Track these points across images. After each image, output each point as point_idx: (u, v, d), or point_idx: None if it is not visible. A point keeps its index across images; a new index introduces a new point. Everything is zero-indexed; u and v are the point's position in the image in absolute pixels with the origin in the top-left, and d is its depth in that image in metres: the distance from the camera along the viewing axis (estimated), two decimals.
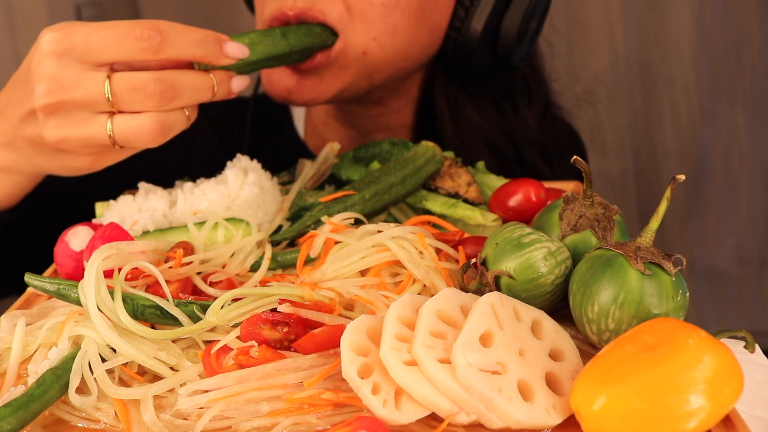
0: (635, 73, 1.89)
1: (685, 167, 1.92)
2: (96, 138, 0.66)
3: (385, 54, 0.90)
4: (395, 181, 0.79)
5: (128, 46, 0.64)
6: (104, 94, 0.64)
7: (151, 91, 0.65)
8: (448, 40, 0.95)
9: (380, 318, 0.57)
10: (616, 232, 0.64)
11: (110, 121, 0.65)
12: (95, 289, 0.59)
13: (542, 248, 0.61)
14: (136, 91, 0.65)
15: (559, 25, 1.87)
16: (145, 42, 0.64)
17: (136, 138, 0.66)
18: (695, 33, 1.86)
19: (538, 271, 0.60)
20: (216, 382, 0.55)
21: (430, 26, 0.93)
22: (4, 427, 0.51)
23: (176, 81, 0.66)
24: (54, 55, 0.65)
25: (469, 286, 0.63)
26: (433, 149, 0.84)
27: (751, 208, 1.93)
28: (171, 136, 0.68)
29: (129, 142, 0.67)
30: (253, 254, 0.73)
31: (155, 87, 0.65)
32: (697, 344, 0.50)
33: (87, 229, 0.73)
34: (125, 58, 0.65)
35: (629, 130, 1.93)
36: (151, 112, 0.66)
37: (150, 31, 0.64)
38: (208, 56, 0.68)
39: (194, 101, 0.69)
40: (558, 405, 0.53)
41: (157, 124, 0.66)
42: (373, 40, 0.88)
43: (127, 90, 0.65)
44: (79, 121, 0.66)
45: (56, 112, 0.65)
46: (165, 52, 0.65)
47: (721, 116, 1.89)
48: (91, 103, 0.65)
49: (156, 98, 0.65)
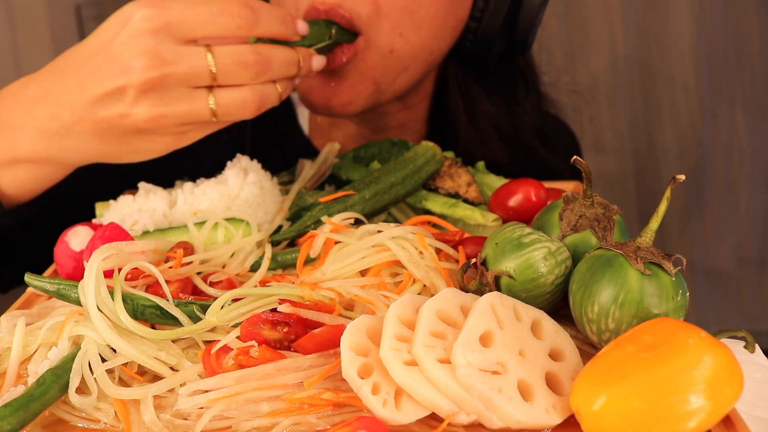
0: (635, 73, 1.89)
1: (685, 167, 1.92)
2: (196, 113, 0.66)
3: (410, 48, 0.89)
4: (395, 181, 0.79)
5: (225, 23, 0.66)
6: (208, 67, 0.65)
7: (251, 63, 0.67)
8: (467, 30, 0.95)
9: (380, 318, 0.57)
10: (616, 232, 0.64)
11: (211, 96, 0.66)
12: (95, 289, 0.59)
13: (542, 248, 0.61)
14: (238, 63, 0.66)
15: (559, 25, 1.88)
16: (241, 19, 0.66)
17: (237, 110, 0.68)
18: (695, 33, 1.86)
19: (538, 271, 0.60)
20: (216, 382, 0.55)
21: (457, 18, 0.93)
22: (4, 427, 0.51)
23: (270, 54, 0.68)
24: (150, 31, 0.64)
25: (469, 286, 0.63)
26: (433, 149, 0.84)
27: (751, 208, 1.93)
28: (265, 109, 0.70)
29: (229, 115, 0.68)
30: (253, 254, 0.73)
31: (255, 59, 0.67)
32: (697, 344, 0.50)
33: (87, 229, 0.73)
34: (221, 33, 0.66)
35: (629, 130, 1.93)
36: (250, 84, 0.68)
37: (245, 9, 0.66)
38: (287, 33, 0.71)
39: (284, 74, 0.71)
40: (558, 405, 0.53)
41: (257, 95, 0.68)
42: (399, 37, 0.87)
43: (231, 63, 0.66)
44: (178, 96, 0.66)
45: (155, 88, 0.65)
46: (257, 29, 0.68)
47: (721, 116, 1.89)
48: (194, 76, 0.65)
49: (254, 69, 0.67)
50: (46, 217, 0.84)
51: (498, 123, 1.04)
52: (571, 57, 1.88)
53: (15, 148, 0.71)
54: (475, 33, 0.95)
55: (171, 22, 0.65)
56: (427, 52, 0.92)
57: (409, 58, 0.91)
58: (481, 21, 0.94)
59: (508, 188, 0.78)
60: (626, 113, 1.92)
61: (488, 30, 0.94)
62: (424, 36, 0.90)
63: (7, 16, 1.66)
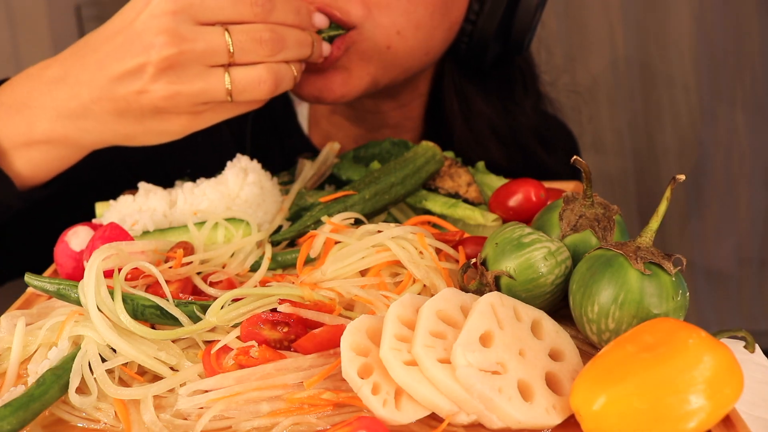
0: (635, 73, 1.89)
1: (685, 167, 1.92)
2: (212, 91, 0.68)
3: (407, 46, 0.89)
4: (395, 181, 0.79)
5: (244, 9, 0.69)
6: (226, 45, 0.68)
7: (266, 40, 0.69)
8: (463, 32, 0.95)
9: (380, 318, 0.57)
10: (616, 232, 0.64)
11: (227, 74, 0.68)
12: (95, 289, 0.59)
13: (542, 248, 0.61)
14: (254, 40, 0.69)
15: (559, 25, 1.88)
16: (259, 7, 0.69)
17: (253, 88, 0.70)
18: (695, 33, 1.86)
19: (538, 271, 0.60)
20: (216, 382, 0.55)
21: (452, 20, 0.92)
22: (4, 427, 0.51)
23: (284, 33, 0.71)
24: (170, 12, 0.67)
25: (469, 286, 0.63)
26: (433, 149, 0.84)
27: (751, 208, 1.93)
28: (281, 90, 0.72)
29: (245, 93, 0.70)
30: (253, 254, 0.73)
31: (270, 36, 0.69)
32: (697, 344, 0.50)
33: (87, 229, 0.73)
34: (239, 19, 0.69)
35: (629, 130, 1.93)
36: (266, 63, 0.70)
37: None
38: (303, 23, 0.74)
39: (298, 55, 0.73)
40: (558, 405, 0.53)
41: (272, 74, 0.70)
42: (397, 34, 0.88)
43: (247, 39, 0.68)
44: (195, 74, 0.68)
45: (174, 66, 0.67)
46: (273, 17, 0.70)
47: (721, 116, 1.89)
48: (212, 54, 0.68)
49: (269, 46, 0.69)
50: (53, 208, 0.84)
51: (495, 125, 1.04)
52: (571, 57, 1.88)
53: (33, 129, 0.72)
54: (470, 35, 0.95)
55: (192, 3, 0.68)
56: (423, 51, 0.92)
57: (406, 56, 0.91)
58: (476, 24, 0.94)
59: (508, 188, 0.78)
60: (626, 113, 1.92)
61: (483, 33, 0.94)
62: (421, 36, 0.90)
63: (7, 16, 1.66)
